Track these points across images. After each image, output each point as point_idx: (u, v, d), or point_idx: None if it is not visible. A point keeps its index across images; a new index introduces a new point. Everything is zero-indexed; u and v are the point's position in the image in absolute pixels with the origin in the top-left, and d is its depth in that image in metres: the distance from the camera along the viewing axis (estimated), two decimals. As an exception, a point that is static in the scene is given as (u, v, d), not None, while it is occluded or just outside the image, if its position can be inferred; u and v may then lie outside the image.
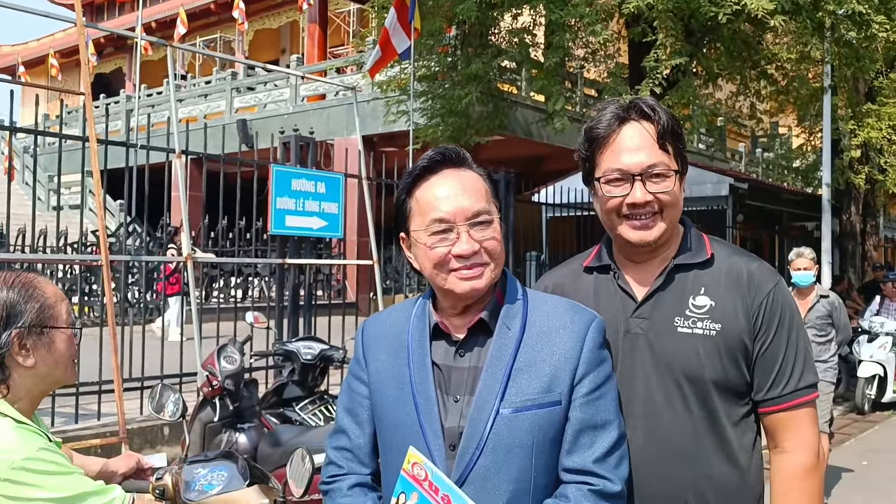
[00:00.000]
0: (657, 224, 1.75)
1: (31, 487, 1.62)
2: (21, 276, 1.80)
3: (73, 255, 8.09)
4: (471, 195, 1.63)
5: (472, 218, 1.61)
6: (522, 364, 1.58)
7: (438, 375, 1.63)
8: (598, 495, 1.54)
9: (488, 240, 1.61)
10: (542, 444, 1.56)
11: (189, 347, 6.32)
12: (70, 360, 1.81)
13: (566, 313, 1.65)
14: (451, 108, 10.78)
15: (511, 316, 1.64)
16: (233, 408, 4.46)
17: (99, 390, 5.89)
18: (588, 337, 1.61)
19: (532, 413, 1.55)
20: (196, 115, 20.61)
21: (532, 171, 16.49)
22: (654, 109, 1.76)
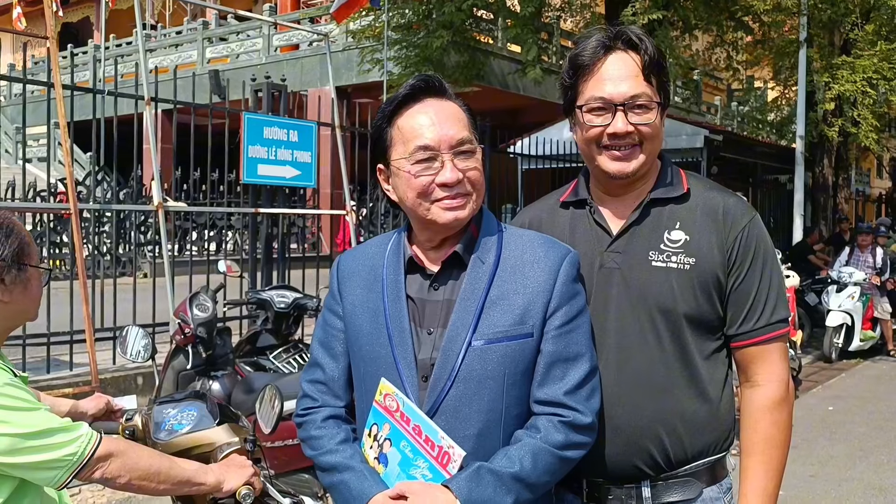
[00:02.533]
0: (636, 156, 1.74)
1: None
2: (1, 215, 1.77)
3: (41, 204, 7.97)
4: (454, 124, 1.61)
5: (456, 146, 1.59)
6: (495, 297, 1.58)
7: (413, 308, 1.63)
8: (569, 426, 1.55)
9: (471, 170, 1.60)
10: (513, 376, 1.57)
11: (162, 298, 6.28)
12: (38, 300, 1.82)
13: (540, 247, 1.64)
14: (426, 56, 10.66)
15: (486, 250, 1.63)
16: (206, 356, 4.44)
17: (70, 340, 5.85)
18: (561, 271, 1.61)
19: (504, 345, 1.56)
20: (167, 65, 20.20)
21: (508, 123, 16.39)
22: (641, 39, 1.73)
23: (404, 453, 1.55)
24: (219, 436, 2.13)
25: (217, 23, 21.24)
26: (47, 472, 1.67)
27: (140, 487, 1.81)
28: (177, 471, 1.86)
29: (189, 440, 2.12)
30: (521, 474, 1.51)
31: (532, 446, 1.53)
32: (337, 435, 1.67)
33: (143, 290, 6.61)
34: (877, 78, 11.80)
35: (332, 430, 1.68)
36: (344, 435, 1.67)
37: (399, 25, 11.22)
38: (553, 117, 15.74)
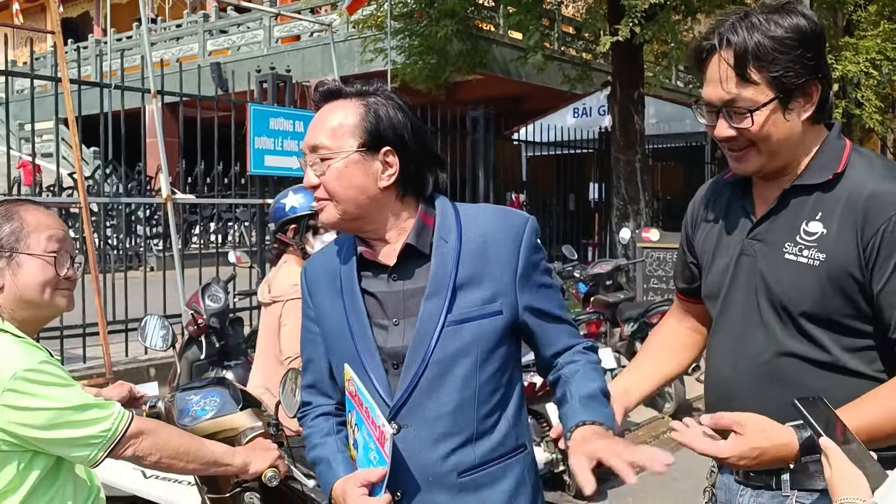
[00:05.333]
0: (751, 156, 1.65)
1: (33, 397, 1.64)
2: (6, 206, 1.80)
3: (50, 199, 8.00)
4: (317, 129, 1.63)
5: (311, 152, 1.63)
6: (464, 277, 1.61)
7: (373, 303, 1.66)
8: (593, 350, 1.74)
9: (325, 175, 1.61)
10: (485, 353, 1.61)
11: (172, 291, 6.31)
12: (43, 285, 1.77)
13: (497, 219, 1.68)
14: (429, 45, 10.65)
15: (446, 230, 1.65)
16: (219, 346, 4.49)
17: (83, 333, 5.88)
18: (524, 241, 1.66)
19: (476, 324, 1.60)
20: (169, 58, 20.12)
21: (511, 110, 16.37)
22: (737, 32, 1.59)
23: (364, 437, 1.61)
24: (242, 420, 2.16)
25: (217, 15, 21.20)
26: (83, 450, 1.71)
27: (169, 466, 1.85)
28: (205, 451, 1.89)
29: (213, 425, 2.15)
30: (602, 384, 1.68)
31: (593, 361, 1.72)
32: (322, 429, 1.75)
33: (151, 283, 6.64)
34: (880, 59, 11.77)
35: (322, 425, 1.76)
36: (328, 428, 1.75)
37: (401, 14, 11.21)
38: (556, 104, 15.76)
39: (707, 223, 1.86)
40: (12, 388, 1.63)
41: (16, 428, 1.64)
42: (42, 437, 1.67)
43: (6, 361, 1.65)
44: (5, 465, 1.66)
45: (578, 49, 14.81)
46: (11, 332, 1.72)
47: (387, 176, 1.61)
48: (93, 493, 1.88)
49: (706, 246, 1.85)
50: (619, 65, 10.25)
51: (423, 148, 1.68)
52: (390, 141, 1.61)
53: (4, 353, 1.67)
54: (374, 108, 1.62)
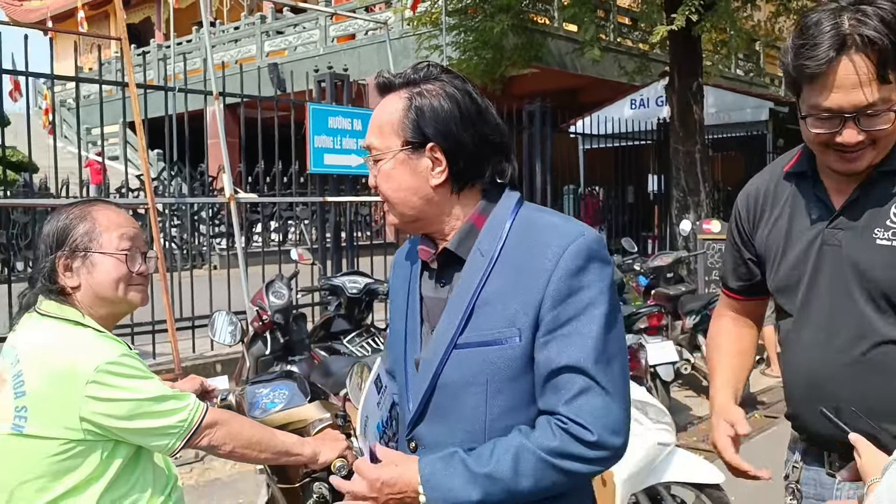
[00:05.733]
0: (867, 156, 1.59)
1: (115, 389, 1.71)
2: (80, 206, 1.87)
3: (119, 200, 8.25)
4: (370, 128, 1.54)
5: (371, 154, 1.53)
6: (489, 295, 1.43)
7: (424, 306, 1.56)
8: (568, 434, 1.35)
9: (376, 177, 1.51)
10: (497, 384, 1.41)
11: (236, 288, 6.45)
12: (116, 282, 1.84)
13: (545, 232, 1.44)
14: (484, 40, 10.66)
15: (489, 240, 1.47)
16: (283, 341, 4.57)
17: (153, 330, 6.06)
18: (561, 264, 1.38)
19: (486, 350, 1.41)
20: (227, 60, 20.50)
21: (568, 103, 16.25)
22: (871, 29, 1.48)
23: None
24: (311, 412, 2.22)
25: (273, 16, 21.52)
26: (161, 439, 1.78)
27: (242, 455, 1.91)
28: (276, 441, 1.95)
29: (283, 417, 2.21)
30: (496, 474, 1.35)
31: (517, 445, 1.36)
32: None
33: (215, 280, 6.79)
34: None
35: None
36: None
37: (456, 10, 11.24)
38: (613, 96, 15.61)
39: (772, 217, 1.81)
40: (96, 380, 1.70)
41: (99, 418, 1.71)
42: (123, 426, 1.74)
43: (90, 355, 1.73)
44: (90, 454, 1.74)
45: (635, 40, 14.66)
46: (93, 327, 1.80)
47: (437, 173, 1.47)
48: (171, 482, 1.95)
49: (773, 240, 1.79)
50: (676, 54, 10.11)
51: (481, 137, 1.48)
52: (434, 136, 1.46)
53: (88, 346, 1.75)
54: (417, 101, 1.47)
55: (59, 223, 1.84)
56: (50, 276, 1.81)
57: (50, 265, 1.81)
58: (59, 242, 1.82)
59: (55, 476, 1.72)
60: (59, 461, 1.71)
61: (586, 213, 13.23)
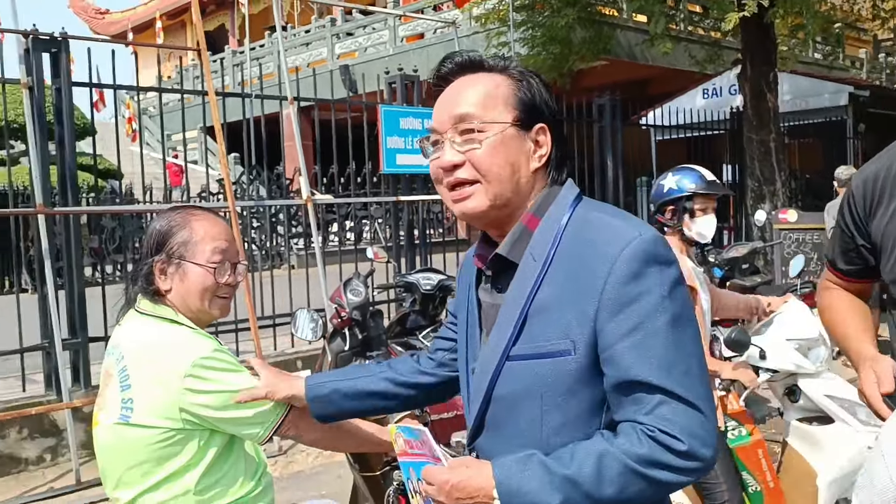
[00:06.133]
0: None
1: (209, 381, 1.85)
2: (183, 213, 2.00)
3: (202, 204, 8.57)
4: (463, 99, 1.39)
5: (455, 124, 1.38)
6: (542, 302, 1.34)
7: (483, 312, 1.49)
8: (655, 442, 1.25)
9: (473, 150, 1.36)
10: (552, 398, 1.33)
11: (314, 287, 6.65)
12: (202, 294, 1.95)
13: (600, 234, 1.33)
14: (552, 35, 10.66)
15: (541, 244, 1.37)
16: (361, 337, 4.70)
17: (236, 328, 6.29)
18: (616, 267, 1.28)
19: (543, 362, 1.33)
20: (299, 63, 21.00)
21: (638, 94, 16.09)
22: None
23: None
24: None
25: (343, 18, 21.86)
26: (252, 428, 1.90)
27: (326, 444, 2.02)
28: (359, 429, 2.05)
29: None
30: (578, 478, 1.25)
31: (601, 449, 1.27)
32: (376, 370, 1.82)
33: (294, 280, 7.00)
34: None
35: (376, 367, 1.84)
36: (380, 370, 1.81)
37: (522, 6, 11.26)
38: (685, 85, 15.36)
39: (891, 205, 1.73)
40: (192, 374, 1.83)
41: (196, 409, 1.85)
42: (218, 416, 1.87)
43: (186, 350, 1.86)
44: (188, 443, 1.88)
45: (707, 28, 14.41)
46: (187, 325, 1.94)
47: (538, 157, 1.40)
48: (260, 468, 2.08)
49: (892, 229, 1.72)
50: (748, 41, 9.94)
51: (563, 130, 1.46)
52: (543, 117, 1.40)
53: (184, 343, 1.89)
54: (528, 81, 1.41)
55: (162, 227, 1.97)
56: (147, 277, 1.95)
57: (148, 268, 1.95)
58: (158, 246, 1.95)
59: (157, 462, 1.86)
60: (161, 448, 1.85)
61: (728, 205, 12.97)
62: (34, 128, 5.09)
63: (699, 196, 3.21)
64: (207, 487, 1.90)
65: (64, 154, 5.36)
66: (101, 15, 36.32)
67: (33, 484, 4.97)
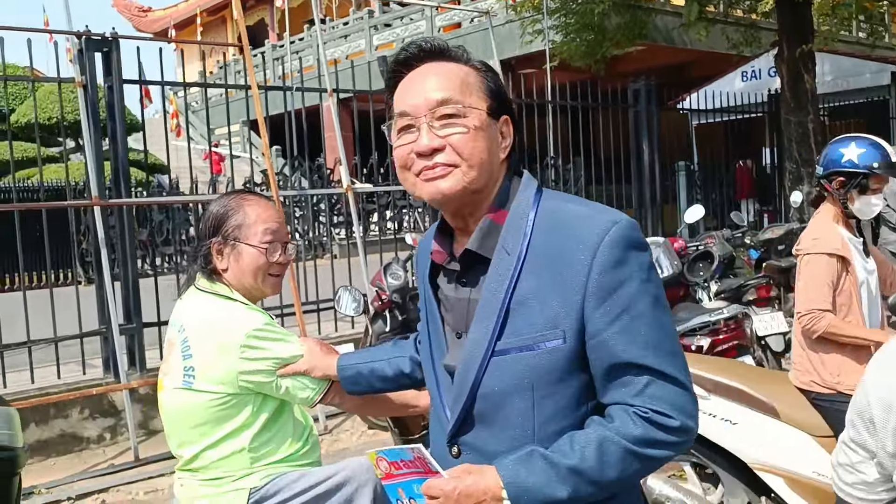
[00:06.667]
0: None
1: (262, 350, 2.03)
2: (237, 197, 2.19)
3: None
4: (440, 85, 1.38)
5: (435, 108, 1.37)
6: (523, 296, 1.35)
7: (443, 307, 1.49)
8: (649, 422, 1.30)
9: (455, 135, 1.36)
10: (544, 388, 1.35)
11: (356, 275, 6.85)
12: (256, 272, 2.14)
13: (578, 223, 1.35)
14: (586, 22, 10.70)
15: (513, 236, 1.38)
16: (401, 319, 4.90)
17: (282, 313, 6.51)
18: (598, 256, 1.31)
19: (532, 354, 1.34)
20: (339, 56, 21.27)
21: (675, 78, 16.05)
22: None
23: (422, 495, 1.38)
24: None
25: (381, 10, 22.05)
26: (303, 392, 2.08)
27: (367, 410, 2.19)
28: (399, 394, 2.23)
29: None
30: (582, 467, 1.30)
31: (600, 436, 1.31)
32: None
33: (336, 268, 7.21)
34: None
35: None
36: None
37: (557, -7, 11.32)
38: (723, 69, 15.29)
39: None
40: (247, 344, 2.02)
41: (251, 376, 2.03)
42: (269, 381, 2.05)
43: (241, 324, 2.05)
44: (244, 406, 2.07)
45: (745, 9, 14.30)
46: (241, 301, 2.13)
47: (503, 147, 1.43)
48: (308, 430, 2.27)
49: None
50: (784, 22, 9.90)
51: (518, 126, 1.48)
52: (507, 109, 1.43)
53: (239, 317, 2.08)
54: (490, 71, 1.43)
55: (218, 211, 2.17)
56: (206, 257, 2.15)
57: (206, 249, 2.15)
58: (215, 229, 2.15)
59: (216, 423, 2.06)
60: (220, 411, 2.05)
61: (741, 186, 12.96)
62: (89, 124, 5.35)
63: (876, 176, 3.02)
64: (260, 445, 2.09)
65: (117, 149, 5.63)
66: (144, 13, 36.98)
67: (95, 461, 5.27)
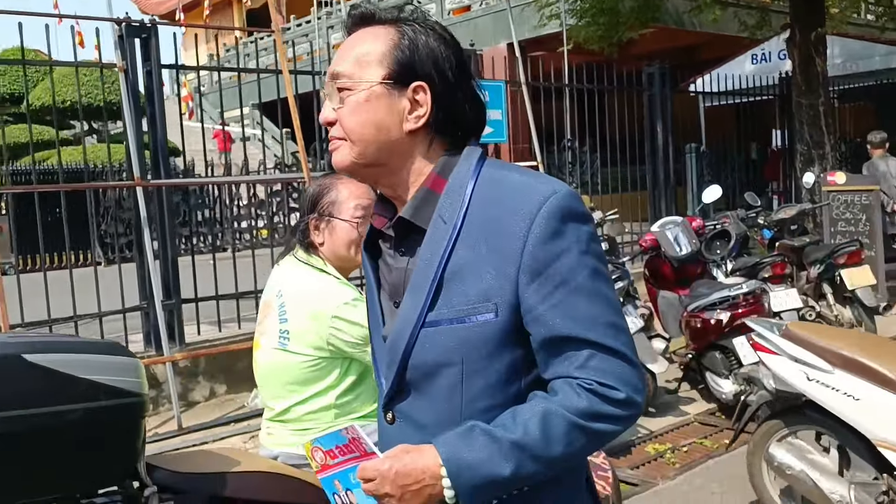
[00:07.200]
0: None
1: (351, 321, 2.23)
2: (331, 177, 2.41)
3: (278, 175, 9.03)
4: (340, 56, 1.37)
5: (331, 81, 1.37)
6: (457, 267, 1.29)
7: (383, 278, 1.45)
8: (594, 394, 1.25)
9: (341, 108, 1.35)
10: (474, 362, 1.29)
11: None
12: (349, 244, 2.34)
13: (516, 193, 1.29)
14: (601, 6, 10.84)
15: (451, 206, 1.32)
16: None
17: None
18: (534, 228, 1.25)
19: (458, 327, 1.29)
20: (348, 39, 21.34)
21: (685, 61, 16.16)
22: None
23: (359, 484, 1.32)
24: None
25: (390, -7, 22.14)
26: None
27: None
28: None
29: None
30: (525, 441, 1.24)
31: (544, 409, 1.25)
32: None
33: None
34: None
35: None
36: None
37: (572, -24, 11.44)
38: (733, 51, 15.38)
39: None
40: (337, 314, 2.23)
41: (339, 343, 2.25)
42: (357, 348, 2.26)
43: (334, 295, 2.26)
44: (332, 369, 2.29)
45: (756, -8, 14.39)
46: (333, 275, 2.34)
47: (414, 117, 1.34)
48: (384, 394, 2.49)
49: None
50: (796, 5, 10.04)
51: (464, 90, 1.38)
52: (424, 75, 1.34)
53: (332, 289, 2.29)
54: (411, 35, 1.35)
55: (314, 191, 2.39)
56: (304, 231, 2.37)
57: (304, 224, 2.36)
58: (311, 206, 2.37)
59: (306, 382, 2.28)
60: (310, 372, 2.27)
61: (771, 167, 13.08)
62: (129, 107, 5.54)
63: None
64: (345, 403, 2.32)
65: (156, 131, 5.83)
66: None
67: (139, 431, 5.49)
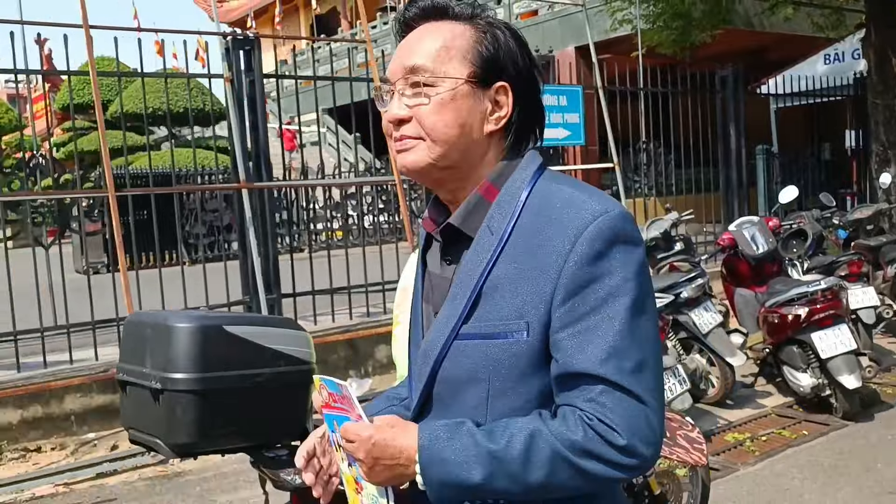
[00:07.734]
0: None
1: None
2: None
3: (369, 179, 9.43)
4: (413, 48, 1.28)
5: (406, 75, 1.27)
6: (498, 280, 1.23)
7: (428, 285, 1.39)
8: (594, 431, 1.15)
9: (420, 106, 1.26)
10: (501, 382, 1.23)
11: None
12: None
13: (566, 208, 1.22)
14: (675, 11, 10.94)
15: (500, 216, 1.26)
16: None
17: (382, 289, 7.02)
18: (577, 247, 1.18)
19: (488, 343, 1.23)
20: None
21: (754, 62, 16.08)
22: None
23: None
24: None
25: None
26: None
27: None
28: None
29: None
30: (503, 455, 1.17)
31: (533, 429, 1.18)
32: None
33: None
34: None
35: None
36: None
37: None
38: (804, 52, 15.29)
39: None
40: None
41: None
42: None
43: None
44: None
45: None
46: None
47: (495, 119, 1.29)
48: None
49: None
50: (872, 4, 10.01)
51: (537, 94, 1.33)
52: (507, 76, 1.28)
53: None
54: (493, 32, 1.29)
55: None
56: None
57: None
58: None
59: None
60: None
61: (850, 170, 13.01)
62: (236, 115, 5.95)
63: None
64: None
65: (258, 137, 6.23)
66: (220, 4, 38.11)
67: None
